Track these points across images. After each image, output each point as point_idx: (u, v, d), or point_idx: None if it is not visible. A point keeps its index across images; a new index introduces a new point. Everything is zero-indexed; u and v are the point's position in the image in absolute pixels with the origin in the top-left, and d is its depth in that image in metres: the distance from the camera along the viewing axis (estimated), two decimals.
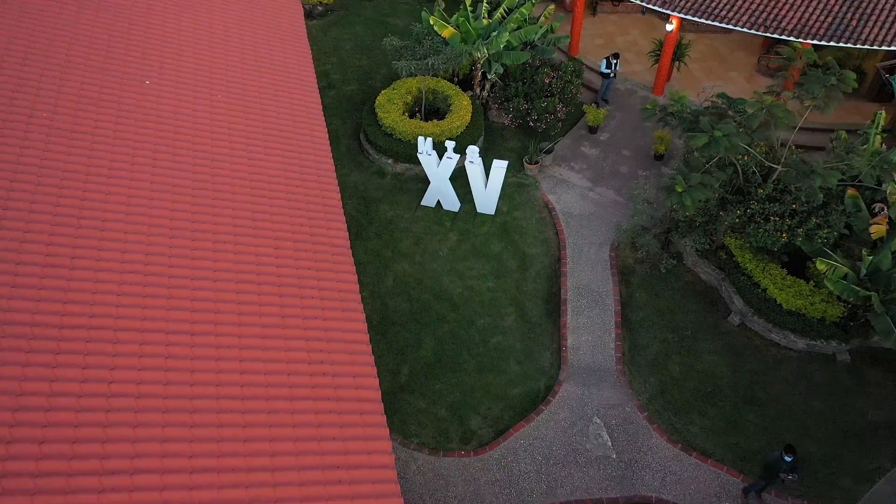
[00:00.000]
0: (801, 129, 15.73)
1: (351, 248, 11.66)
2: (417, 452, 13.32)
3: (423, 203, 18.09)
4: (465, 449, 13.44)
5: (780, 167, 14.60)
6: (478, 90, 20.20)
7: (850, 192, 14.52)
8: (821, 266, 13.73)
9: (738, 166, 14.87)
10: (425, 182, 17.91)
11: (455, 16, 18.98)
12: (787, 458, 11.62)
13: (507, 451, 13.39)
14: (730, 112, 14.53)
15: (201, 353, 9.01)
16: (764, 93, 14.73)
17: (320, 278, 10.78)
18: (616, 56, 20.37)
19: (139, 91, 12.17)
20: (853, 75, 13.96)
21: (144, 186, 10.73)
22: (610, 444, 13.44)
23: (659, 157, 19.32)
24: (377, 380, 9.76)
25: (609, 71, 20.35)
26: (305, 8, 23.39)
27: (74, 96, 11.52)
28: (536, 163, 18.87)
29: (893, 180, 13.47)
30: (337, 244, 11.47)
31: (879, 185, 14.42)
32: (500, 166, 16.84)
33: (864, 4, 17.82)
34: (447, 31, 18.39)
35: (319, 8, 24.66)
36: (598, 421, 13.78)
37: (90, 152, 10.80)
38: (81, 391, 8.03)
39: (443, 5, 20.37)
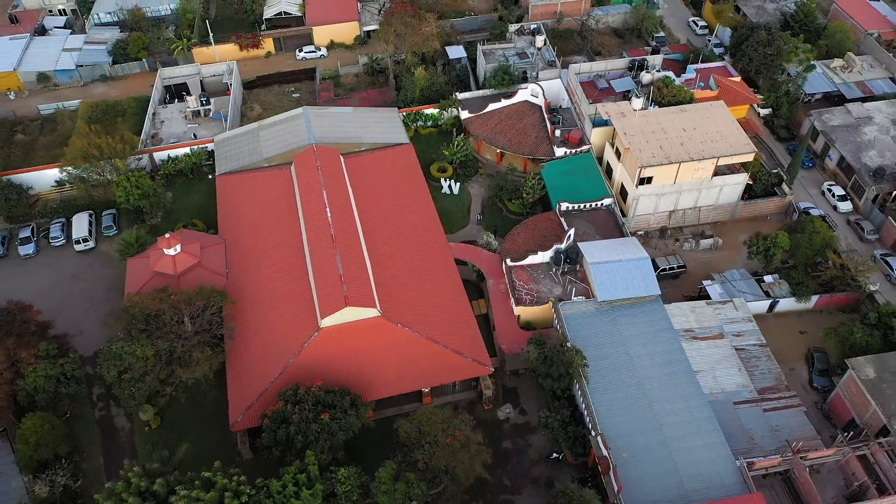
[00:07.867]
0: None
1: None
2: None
3: (442, 191, 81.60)
4: (451, 233, 76.85)
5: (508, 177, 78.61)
6: (454, 164, 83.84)
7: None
8: (516, 202, 77.30)
9: (505, 178, 79.08)
10: (441, 187, 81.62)
11: (450, 147, 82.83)
12: (493, 235, 75.01)
13: (461, 232, 77.07)
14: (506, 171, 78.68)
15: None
16: (510, 166, 78.74)
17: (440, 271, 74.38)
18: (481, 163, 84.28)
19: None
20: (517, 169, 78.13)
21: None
22: (477, 234, 77.04)
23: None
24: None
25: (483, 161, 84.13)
26: None
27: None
28: (466, 184, 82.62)
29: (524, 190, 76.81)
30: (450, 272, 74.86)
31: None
32: (457, 184, 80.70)
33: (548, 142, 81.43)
34: (449, 151, 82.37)
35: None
36: (476, 226, 77.33)
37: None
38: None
39: (446, 150, 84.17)
